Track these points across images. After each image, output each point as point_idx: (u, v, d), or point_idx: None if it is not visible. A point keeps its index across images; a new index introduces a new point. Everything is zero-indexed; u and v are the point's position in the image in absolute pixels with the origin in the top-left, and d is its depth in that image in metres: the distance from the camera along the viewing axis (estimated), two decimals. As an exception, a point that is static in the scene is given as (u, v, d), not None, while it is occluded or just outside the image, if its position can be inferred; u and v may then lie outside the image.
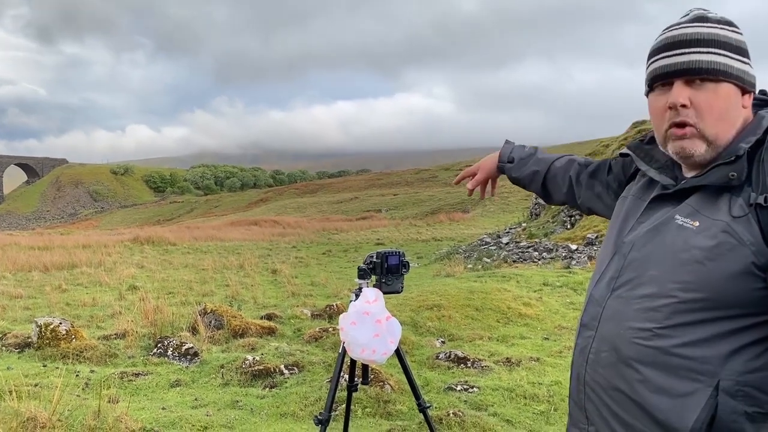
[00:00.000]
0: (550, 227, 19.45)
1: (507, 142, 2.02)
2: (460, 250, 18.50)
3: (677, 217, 1.34)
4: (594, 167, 1.83)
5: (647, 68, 1.43)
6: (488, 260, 15.29)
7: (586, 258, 12.77)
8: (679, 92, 1.34)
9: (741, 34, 1.37)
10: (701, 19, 1.37)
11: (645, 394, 1.30)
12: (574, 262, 12.45)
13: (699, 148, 1.34)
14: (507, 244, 18.19)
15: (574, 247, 14.56)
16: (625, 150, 1.61)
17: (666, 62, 1.36)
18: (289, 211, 54.27)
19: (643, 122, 21.88)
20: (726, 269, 1.23)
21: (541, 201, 22.77)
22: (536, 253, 15.23)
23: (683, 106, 1.33)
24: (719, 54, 1.33)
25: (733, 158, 1.30)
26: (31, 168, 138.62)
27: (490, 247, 18.16)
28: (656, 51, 1.40)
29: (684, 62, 1.34)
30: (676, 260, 1.29)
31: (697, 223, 1.29)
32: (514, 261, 14.67)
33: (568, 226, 18.15)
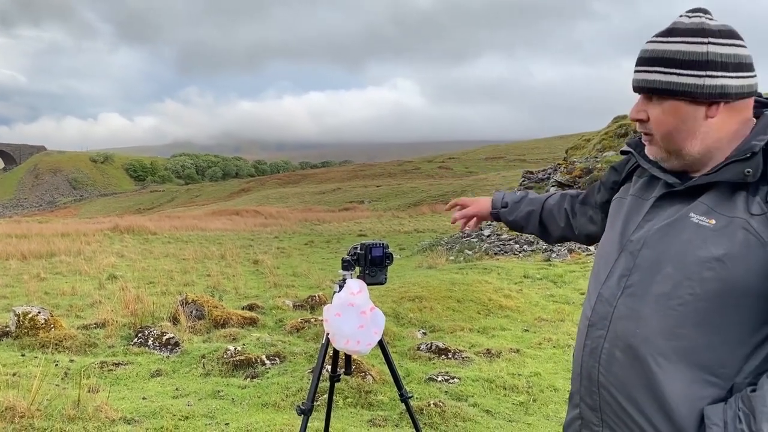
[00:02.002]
0: (531, 220, 19.58)
1: (497, 190, 2.10)
2: (442, 242, 18.56)
3: (692, 215, 1.33)
4: (585, 194, 1.86)
5: None
6: (470, 252, 15.38)
7: (566, 251, 12.88)
8: (636, 108, 1.43)
9: (708, 43, 1.31)
10: (669, 32, 1.37)
11: (662, 396, 1.29)
12: (554, 255, 12.56)
13: (660, 155, 1.41)
14: (488, 236, 18.30)
15: (554, 240, 14.67)
16: (625, 147, 1.62)
17: (633, 77, 1.43)
18: (271, 201, 54.00)
19: (624, 117, 22.06)
20: (745, 266, 1.24)
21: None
22: (517, 245, 15.34)
23: (639, 120, 1.42)
24: (662, 72, 1.34)
25: (748, 155, 1.30)
26: (8, 155, 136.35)
27: (472, 240, 18.25)
28: (635, 64, 1.44)
29: (636, 80, 1.41)
30: (694, 258, 1.29)
31: (713, 221, 1.30)
32: (495, 253, 14.76)
33: (549, 220, 18.27)
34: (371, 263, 2.71)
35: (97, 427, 3.73)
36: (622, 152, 1.66)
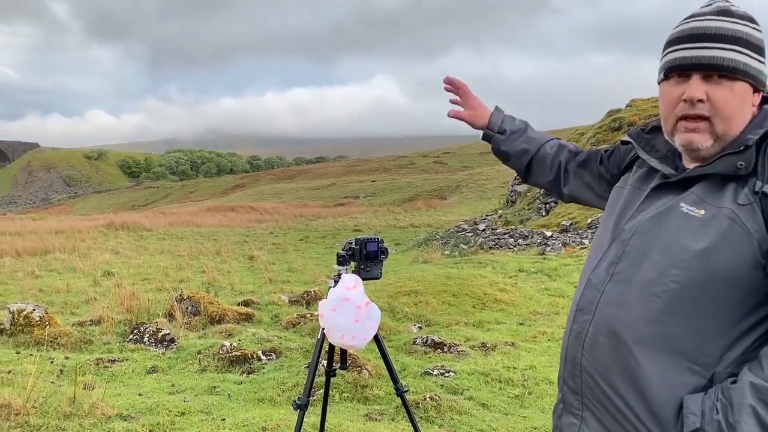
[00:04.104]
0: (525, 214, 19.63)
1: (497, 109, 1.92)
2: (438, 237, 18.58)
3: (682, 205, 1.34)
4: (584, 157, 1.81)
5: (664, 56, 1.42)
6: (465, 247, 15.40)
7: (560, 245, 12.92)
8: (697, 86, 1.33)
9: (760, 31, 1.37)
10: (725, 12, 1.36)
11: (642, 382, 1.30)
12: (548, 249, 12.59)
13: (707, 143, 1.35)
14: (483, 230, 18.33)
15: (549, 233, 14.73)
16: (626, 138, 1.61)
17: (686, 54, 1.35)
18: (267, 197, 53.90)
19: (618, 110, 22.09)
20: (731, 256, 1.24)
21: (517, 188, 22.95)
22: (512, 239, 15.38)
23: (700, 101, 1.33)
24: (740, 52, 1.32)
25: (741, 148, 1.31)
26: (1, 152, 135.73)
27: (467, 234, 18.28)
28: (677, 41, 1.39)
29: (705, 57, 1.33)
30: (680, 247, 1.29)
31: (702, 212, 1.30)
32: (490, 247, 14.79)
33: (544, 213, 18.33)
34: (366, 258, 2.72)
35: (93, 424, 3.73)
36: (623, 143, 1.66)
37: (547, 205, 18.61)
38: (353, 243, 2.74)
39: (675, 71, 1.38)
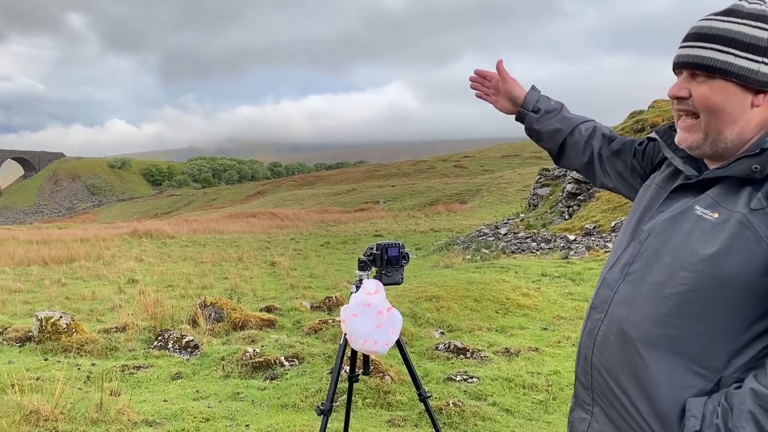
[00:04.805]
0: (548, 218, 19.48)
1: (533, 88, 1.89)
2: (459, 242, 18.52)
3: (697, 207, 1.33)
4: (618, 146, 1.78)
5: None
6: (486, 251, 15.32)
7: (584, 248, 12.80)
8: (679, 84, 1.39)
9: None
10: (729, 12, 1.35)
11: (647, 381, 1.31)
12: (572, 253, 12.47)
13: (696, 140, 1.37)
14: (505, 234, 18.23)
15: (572, 237, 14.60)
16: (653, 134, 1.61)
17: (678, 53, 1.40)
18: (287, 204, 54.20)
19: (641, 112, 21.88)
20: (740, 261, 1.23)
21: (539, 192, 22.81)
22: (534, 243, 15.26)
23: (680, 97, 1.37)
24: (721, 51, 1.32)
25: (758, 151, 1.29)
26: (27, 162, 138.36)
27: (489, 238, 18.20)
28: (682, 40, 1.42)
29: (684, 55, 1.37)
30: (691, 249, 1.29)
31: (716, 215, 1.29)
32: (512, 252, 14.70)
33: (566, 217, 18.18)
34: (387, 263, 2.72)
35: (119, 430, 3.78)
36: (649, 139, 1.65)
37: (570, 209, 18.46)
38: (374, 248, 2.75)
39: (675, 69, 1.43)
